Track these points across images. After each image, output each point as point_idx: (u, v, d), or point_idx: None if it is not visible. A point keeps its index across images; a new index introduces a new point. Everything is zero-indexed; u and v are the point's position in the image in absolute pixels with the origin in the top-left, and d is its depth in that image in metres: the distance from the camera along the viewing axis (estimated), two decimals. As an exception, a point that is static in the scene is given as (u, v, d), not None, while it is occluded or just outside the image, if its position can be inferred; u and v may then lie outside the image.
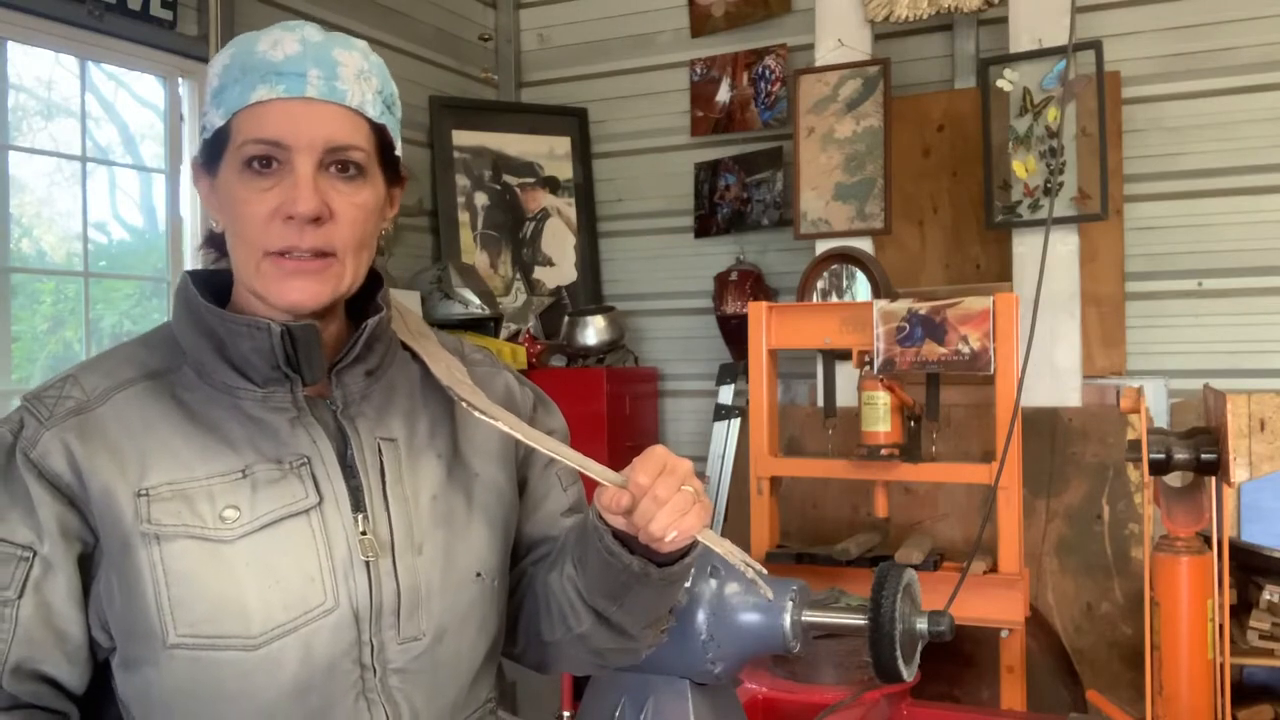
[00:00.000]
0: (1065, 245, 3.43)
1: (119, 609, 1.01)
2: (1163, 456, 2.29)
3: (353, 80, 1.06)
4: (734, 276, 4.18)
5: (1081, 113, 3.40)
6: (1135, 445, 2.32)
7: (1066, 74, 3.37)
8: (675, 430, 4.45)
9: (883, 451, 2.79)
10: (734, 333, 4.01)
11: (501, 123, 4.53)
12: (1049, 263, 2.98)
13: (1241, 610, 2.99)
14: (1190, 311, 3.70)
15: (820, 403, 3.11)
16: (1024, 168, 3.48)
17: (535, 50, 4.74)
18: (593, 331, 4.20)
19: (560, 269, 4.57)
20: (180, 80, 3.50)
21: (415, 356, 1.18)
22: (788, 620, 1.61)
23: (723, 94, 4.34)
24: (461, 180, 4.43)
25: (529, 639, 1.24)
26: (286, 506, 1.03)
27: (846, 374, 3.07)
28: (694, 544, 1.06)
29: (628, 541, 1.06)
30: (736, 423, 3.95)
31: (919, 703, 2.44)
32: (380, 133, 1.09)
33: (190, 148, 3.52)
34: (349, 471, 1.08)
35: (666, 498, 1.00)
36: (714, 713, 1.69)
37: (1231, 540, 2.73)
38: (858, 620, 1.71)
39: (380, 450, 1.10)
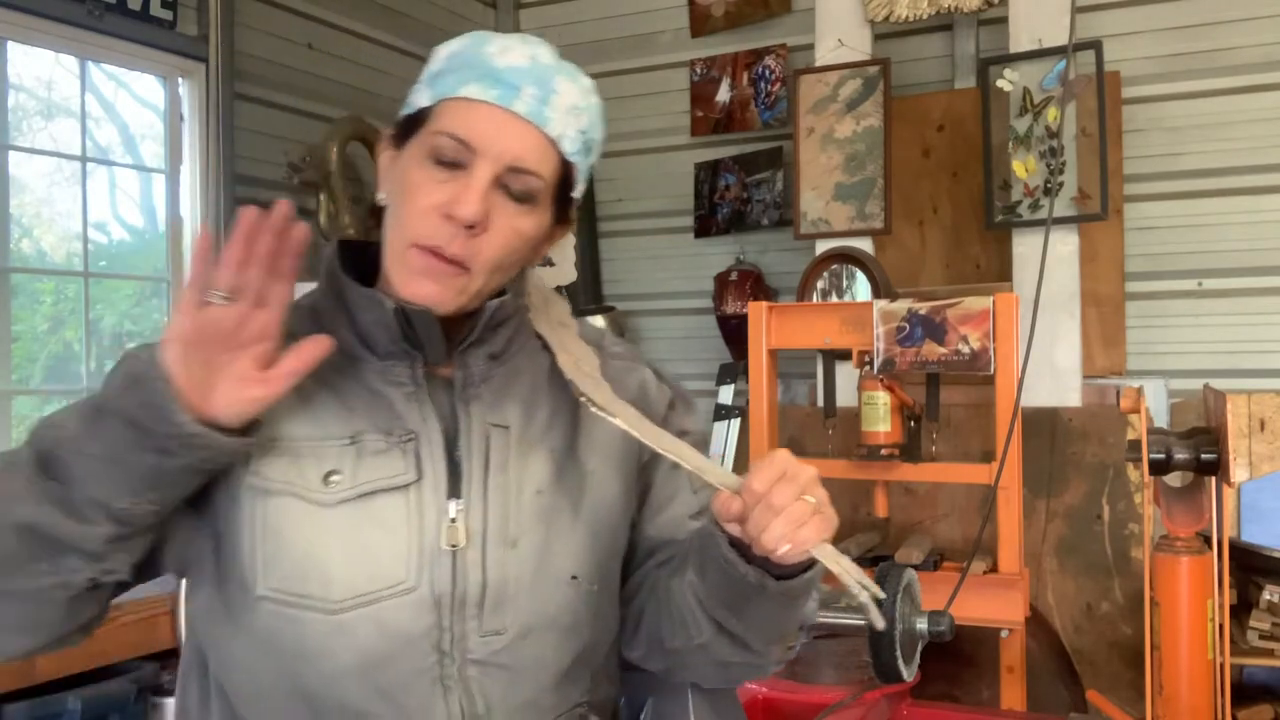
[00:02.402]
0: (1065, 245, 3.43)
1: (221, 554, 1.03)
2: (1163, 456, 2.29)
3: (562, 111, 1.05)
4: (734, 276, 4.18)
5: (1081, 113, 3.40)
6: (1135, 445, 2.32)
7: (1066, 74, 3.37)
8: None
9: (883, 451, 2.78)
10: (734, 333, 4.01)
11: (501, 123, 4.52)
12: (1049, 263, 2.98)
13: (1241, 610, 2.99)
14: (1190, 311, 3.70)
15: (820, 403, 3.11)
16: (1024, 168, 3.48)
17: (535, 50, 4.73)
18: (593, 331, 4.20)
19: (560, 269, 4.56)
20: (180, 80, 3.50)
21: (546, 346, 1.16)
22: (788, 620, 1.61)
23: (723, 94, 4.34)
24: (461, 180, 4.43)
25: (651, 644, 1.20)
26: (386, 479, 1.03)
27: (846, 374, 3.07)
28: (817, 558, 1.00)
29: (745, 550, 1.01)
30: (736, 423, 3.95)
31: (919, 703, 2.43)
32: (567, 170, 1.08)
33: (190, 148, 3.52)
34: (453, 454, 1.07)
35: (782, 506, 0.95)
36: (714, 713, 1.69)
37: (1231, 540, 2.73)
38: (858, 620, 1.71)
39: (489, 436, 1.09)
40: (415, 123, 1.05)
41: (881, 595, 0.99)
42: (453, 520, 1.05)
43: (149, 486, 0.95)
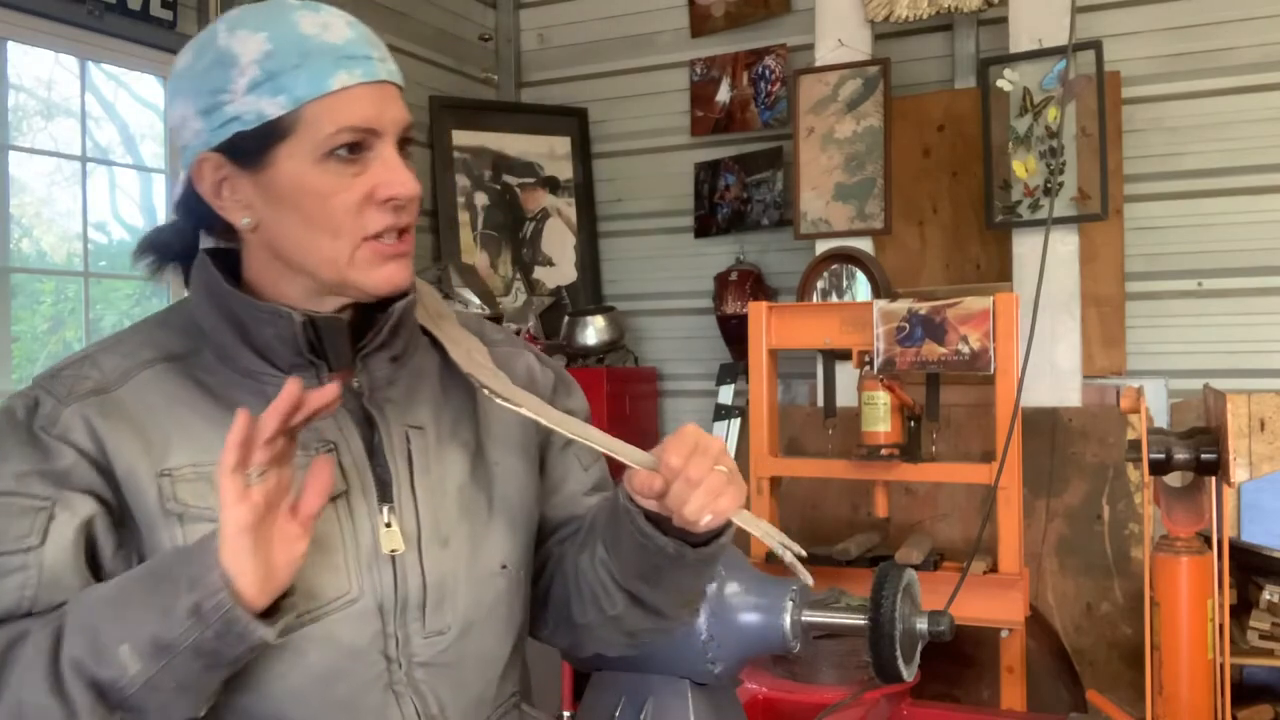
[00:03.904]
0: (1065, 245, 3.43)
1: None
2: (1163, 456, 2.29)
3: (391, 59, 1.06)
4: (734, 276, 4.18)
5: (1081, 113, 3.40)
6: (1135, 445, 2.32)
7: (1066, 74, 3.37)
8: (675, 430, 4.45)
9: (883, 451, 2.78)
10: (734, 333, 4.01)
11: (501, 123, 4.53)
12: (1049, 263, 2.98)
13: (1241, 610, 2.99)
14: (1190, 311, 3.70)
15: (820, 403, 3.11)
16: (1024, 168, 3.48)
17: (535, 50, 4.73)
18: (593, 331, 4.20)
19: (560, 269, 4.57)
20: (180, 80, 3.50)
21: (435, 342, 1.16)
22: (788, 620, 1.61)
23: (723, 94, 4.34)
24: (461, 180, 4.43)
25: (559, 621, 1.22)
26: None
27: (846, 374, 3.07)
28: (729, 522, 1.03)
29: (661, 523, 1.03)
30: (736, 423, 3.95)
31: (919, 703, 2.44)
32: None
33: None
34: (376, 460, 1.07)
35: (700, 479, 0.97)
36: (714, 713, 1.69)
37: (1231, 540, 2.73)
38: (858, 620, 1.72)
39: (409, 439, 1.09)
40: (270, 136, 0.99)
41: (803, 552, 1.03)
42: (387, 525, 1.04)
43: (215, 692, 0.95)
